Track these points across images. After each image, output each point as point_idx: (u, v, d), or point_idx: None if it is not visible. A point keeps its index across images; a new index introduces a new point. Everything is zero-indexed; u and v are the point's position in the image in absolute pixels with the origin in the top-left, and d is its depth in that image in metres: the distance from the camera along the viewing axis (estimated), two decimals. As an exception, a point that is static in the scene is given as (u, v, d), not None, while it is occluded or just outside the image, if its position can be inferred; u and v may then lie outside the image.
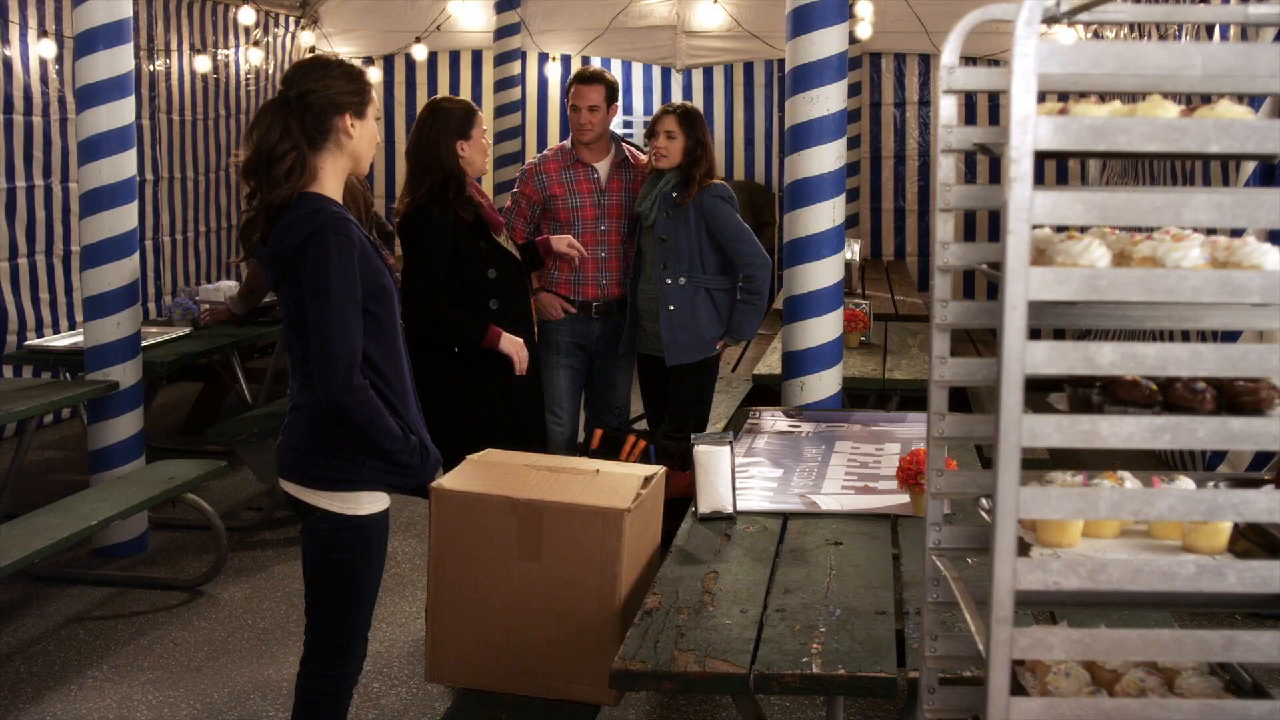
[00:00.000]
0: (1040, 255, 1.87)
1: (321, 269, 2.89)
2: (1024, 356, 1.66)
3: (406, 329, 4.49)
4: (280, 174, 2.94)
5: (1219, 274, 1.66)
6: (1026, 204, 1.64)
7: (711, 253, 5.02)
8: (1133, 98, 2.05)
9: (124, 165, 5.58)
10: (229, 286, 7.23)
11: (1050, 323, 1.96)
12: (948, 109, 2.11)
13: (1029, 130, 1.62)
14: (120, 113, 5.54)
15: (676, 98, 11.25)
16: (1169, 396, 1.81)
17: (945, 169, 2.11)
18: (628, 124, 11.35)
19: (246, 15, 9.65)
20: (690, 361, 5.05)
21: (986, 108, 10.52)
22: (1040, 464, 3.96)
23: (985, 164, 10.29)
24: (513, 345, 4.38)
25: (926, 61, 10.92)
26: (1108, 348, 1.69)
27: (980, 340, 7.92)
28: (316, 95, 2.98)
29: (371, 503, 3.08)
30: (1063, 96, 2.13)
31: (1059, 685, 1.98)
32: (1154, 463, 6.65)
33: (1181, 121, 1.65)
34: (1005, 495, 1.69)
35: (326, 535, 3.07)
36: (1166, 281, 1.66)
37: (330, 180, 3.03)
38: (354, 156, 3.06)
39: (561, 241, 4.83)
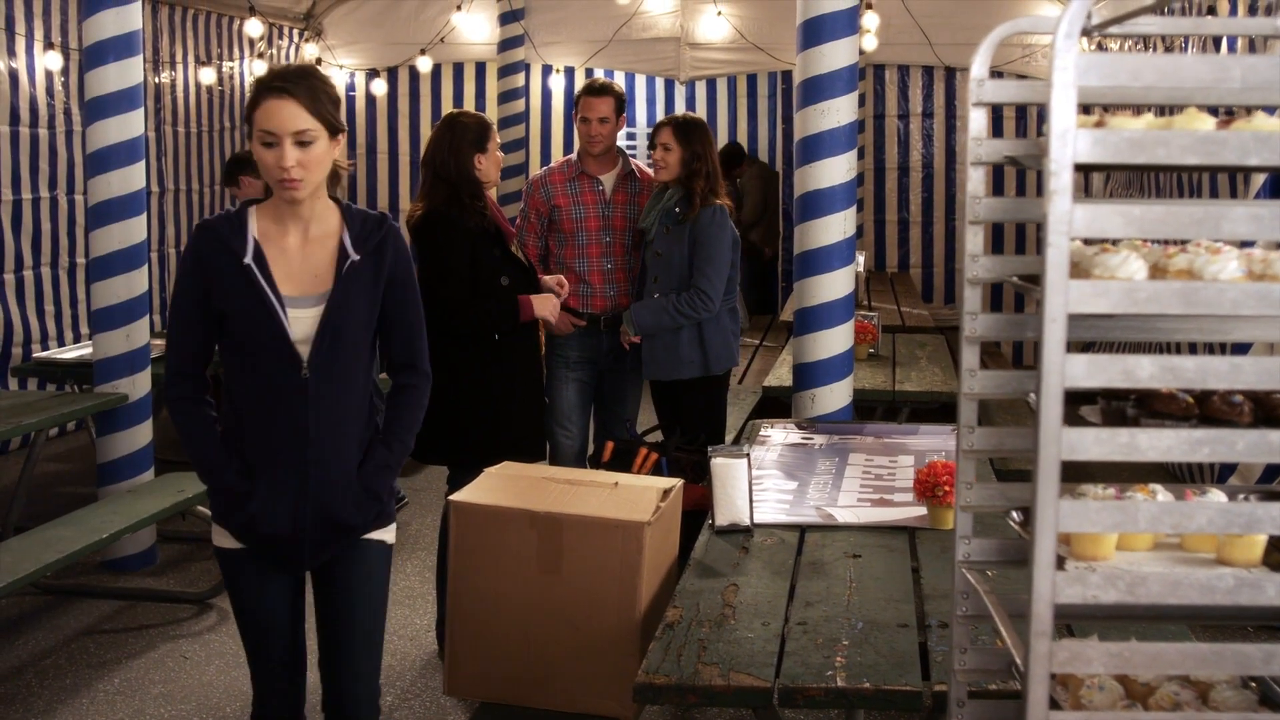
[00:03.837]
0: (1074, 268, 1.86)
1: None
2: (1064, 370, 1.66)
3: (436, 332, 4.50)
4: None
5: (1258, 287, 1.66)
6: (1066, 217, 1.63)
7: None
8: (1156, 110, 2.06)
9: (133, 178, 5.58)
10: None
11: (1075, 336, 1.96)
12: (977, 121, 2.11)
13: (1069, 143, 1.62)
14: (130, 125, 5.54)
15: (680, 109, 11.25)
16: (1206, 409, 1.81)
17: (975, 181, 2.12)
18: (630, 135, 11.36)
19: (254, 27, 9.66)
20: (665, 379, 5.03)
21: (989, 117, 10.53)
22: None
23: (987, 172, 10.27)
24: (546, 306, 4.55)
25: (930, 73, 10.95)
26: (1146, 361, 1.68)
27: (985, 352, 7.90)
28: None
29: (219, 535, 2.94)
30: (1087, 109, 2.13)
31: (1093, 699, 1.97)
32: (1162, 474, 6.65)
33: (1220, 134, 1.65)
34: (1044, 508, 1.69)
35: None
36: (1206, 294, 1.66)
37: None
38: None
39: (551, 280, 4.82)
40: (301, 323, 2.80)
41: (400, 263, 2.92)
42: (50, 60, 8.02)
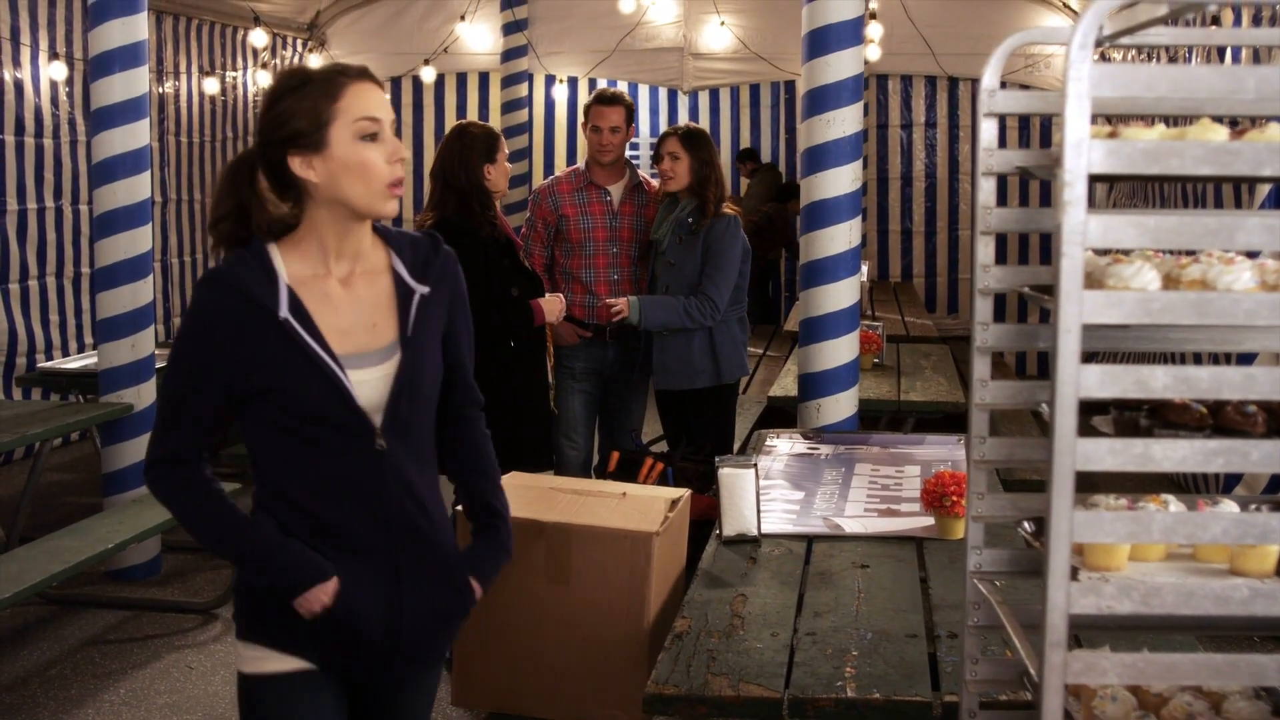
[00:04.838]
0: (1086, 278, 1.86)
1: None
2: (1078, 380, 1.66)
3: None
4: None
5: (1273, 297, 1.66)
6: (1080, 227, 1.64)
7: None
8: (1164, 120, 2.06)
9: (139, 187, 5.59)
10: None
11: (1087, 346, 1.96)
12: (988, 132, 2.12)
13: (1083, 154, 1.63)
14: (135, 135, 5.55)
15: (684, 119, 11.28)
16: (1219, 419, 1.80)
17: (986, 192, 2.12)
18: (634, 145, 11.37)
19: (258, 38, 9.69)
20: (676, 389, 5.03)
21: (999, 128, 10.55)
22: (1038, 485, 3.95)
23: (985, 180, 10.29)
24: (553, 308, 4.65)
25: (933, 83, 10.96)
26: (1160, 371, 1.68)
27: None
28: None
29: (257, 659, 2.23)
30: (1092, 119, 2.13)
31: (1105, 710, 1.97)
32: (1167, 484, 6.64)
33: (1234, 145, 1.65)
34: (1059, 519, 1.68)
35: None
36: (1220, 304, 1.66)
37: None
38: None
39: (551, 297, 4.82)
40: (368, 386, 2.16)
41: (461, 296, 2.40)
42: (55, 70, 8.04)
